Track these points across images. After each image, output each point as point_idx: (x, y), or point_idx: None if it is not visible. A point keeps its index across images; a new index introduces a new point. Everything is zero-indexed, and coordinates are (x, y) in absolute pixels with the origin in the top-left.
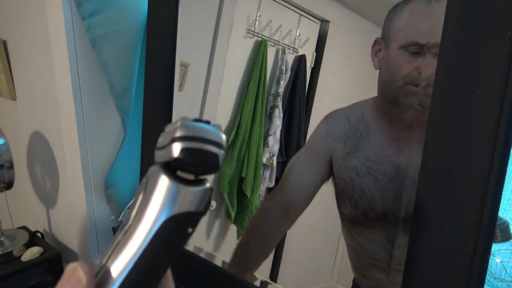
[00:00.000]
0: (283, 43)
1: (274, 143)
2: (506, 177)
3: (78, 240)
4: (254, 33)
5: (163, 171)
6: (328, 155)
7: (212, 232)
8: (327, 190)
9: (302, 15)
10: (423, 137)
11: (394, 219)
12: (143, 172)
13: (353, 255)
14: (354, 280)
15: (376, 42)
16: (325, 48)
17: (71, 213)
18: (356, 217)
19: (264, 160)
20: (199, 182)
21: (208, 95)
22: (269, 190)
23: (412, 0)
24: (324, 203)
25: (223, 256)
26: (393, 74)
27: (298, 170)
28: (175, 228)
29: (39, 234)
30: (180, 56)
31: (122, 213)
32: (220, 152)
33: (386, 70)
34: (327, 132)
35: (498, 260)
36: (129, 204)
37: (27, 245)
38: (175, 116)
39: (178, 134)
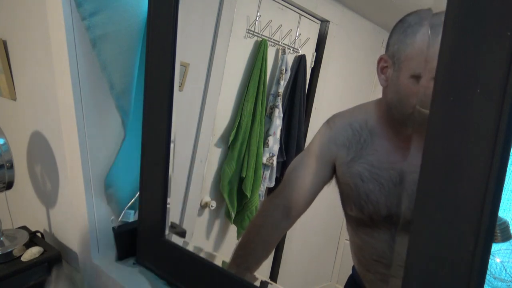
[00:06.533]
0: (283, 43)
1: (274, 143)
2: (506, 177)
3: (78, 240)
4: (254, 33)
5: None
6: (331, 160)
7: (212, 232)
8: (328, 191)
9: (302, 15)
10: None
11: (399, 221)
12: (143, 172)
13: (357, 250)
14: (353, 268)
15: (381, 59)
16: (325, 48)
17: (71, 213)
18: (362, 219)
19: (264, 160)
20: None
21: (208, 95)
22: (269, 190)
23: (423, 25)
24: (324, 204)
25: (223, 256)
26: (403, 101)
27: (300, 172)
28: None
29: (39, 234)
30: (180, 56)
31: (122, 213)
32: None
33: (395, 94)
34: (330, 138)
35: (498, 260)
36: (129, 204)
37: (27, 245)
38: (175, 116)
39: None
